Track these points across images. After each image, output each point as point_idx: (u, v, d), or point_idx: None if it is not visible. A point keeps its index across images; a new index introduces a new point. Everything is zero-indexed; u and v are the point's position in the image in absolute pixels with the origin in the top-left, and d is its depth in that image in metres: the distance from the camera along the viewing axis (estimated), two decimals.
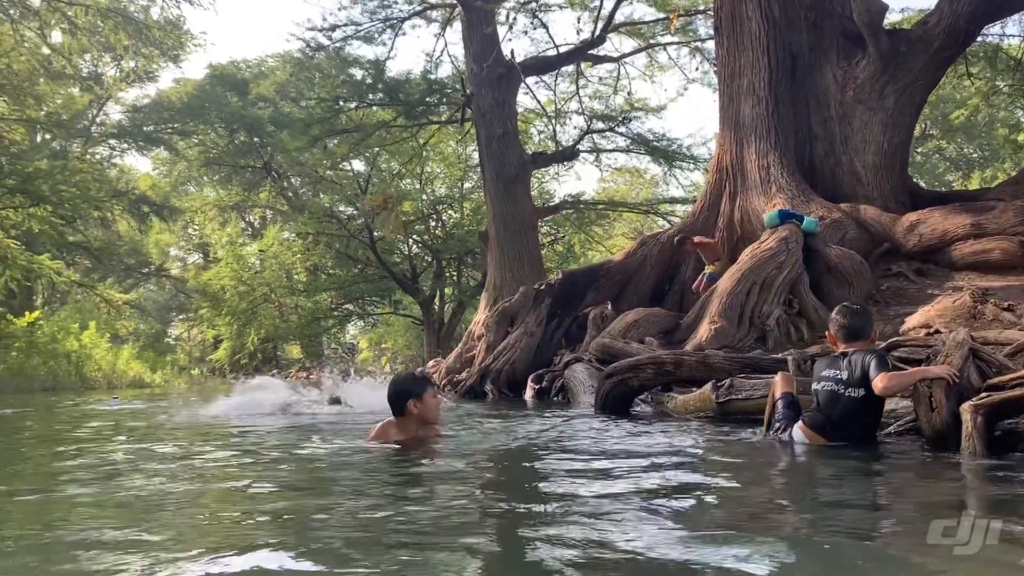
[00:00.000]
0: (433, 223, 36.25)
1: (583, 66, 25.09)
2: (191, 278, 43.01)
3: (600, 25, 21.61)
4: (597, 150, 26.94)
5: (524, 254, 18.14)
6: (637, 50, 25.42)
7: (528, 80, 22.32)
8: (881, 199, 11.70)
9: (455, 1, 20.63)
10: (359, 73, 25.36)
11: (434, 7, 23.33)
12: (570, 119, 28.45)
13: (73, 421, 7.05)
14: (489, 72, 18.74)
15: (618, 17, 22.73)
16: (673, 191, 48.24)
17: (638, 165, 32.74)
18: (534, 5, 22.21)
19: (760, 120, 12.43)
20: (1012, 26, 21.59)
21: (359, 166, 35.00)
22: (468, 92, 20.17)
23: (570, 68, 24.87)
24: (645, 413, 7.16)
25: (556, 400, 10.05)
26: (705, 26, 22.57)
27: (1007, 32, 19.71)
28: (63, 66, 28.15)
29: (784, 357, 6.75)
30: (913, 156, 28.29)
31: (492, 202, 18.88)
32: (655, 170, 32.45)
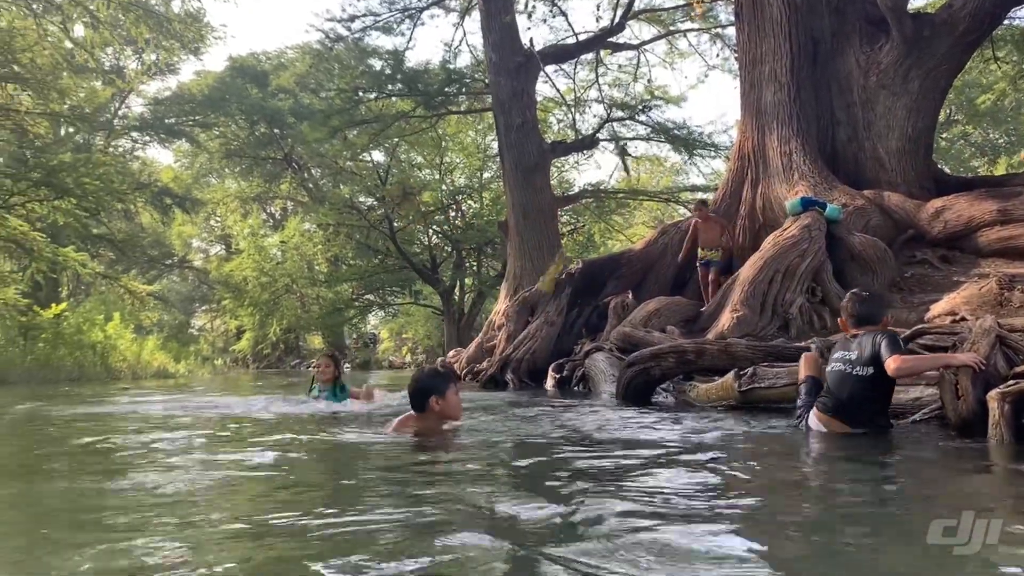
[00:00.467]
0: (453, 213, 36.30)
1: (602, 54, 24.97)
2: (213, 269, 43.39)
3: (620, 12, 21.50)
4: (617, 138, 26.81)
5: (544, 243, 18.11)
6: (657, 37, 25.27)
7: (547, 69, 22.25)
8: (905, 185, 11.57)
9: None
10: (378, 64, 25.43)
11: None
12: (589, 107, 28.33)
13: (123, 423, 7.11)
14: (508, 61, 18.68)
15: (638, 4, 22.61)
16: (694, 179, 47.92)
17: (658, 153, 32.59)
18: None
19: (782, 106, 12.32)
20: None
21: (379, 157, 35.11)
22: (486, 82, 20.14)
23: (589, 56, 24.77)
24: (667, 402, 7.14)
25: (577, 389, 10.06)
26: (726, 12, 22.38)
27: None
28: (85, 60, 28.37)
29: (807, 345, 6.71)
30: (938, 142, 27.90)
31: (511, 191, 18.86)
32: (675, 158, 32.27)
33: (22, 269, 24.61)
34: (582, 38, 22.91)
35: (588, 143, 24.81)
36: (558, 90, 27.19)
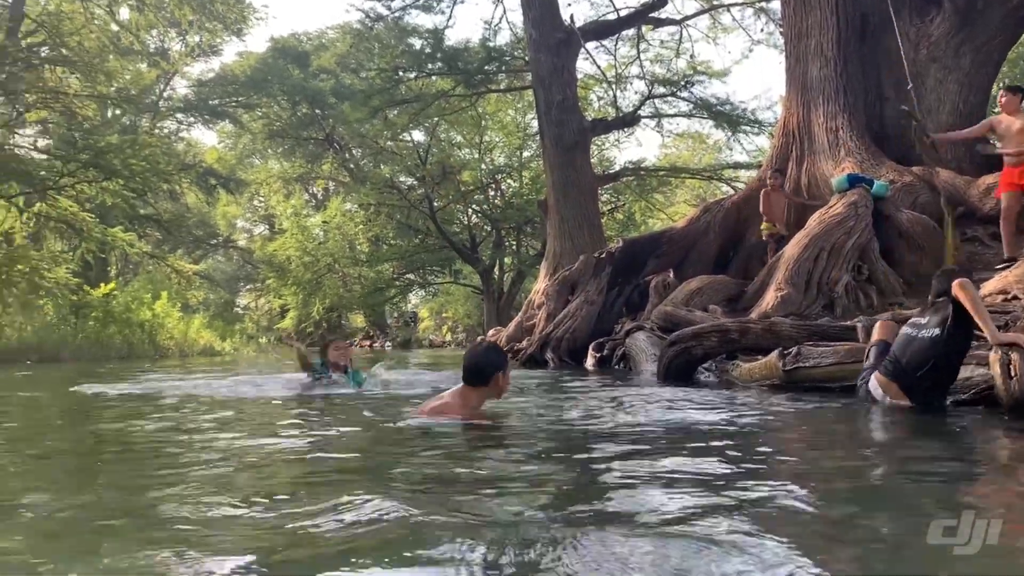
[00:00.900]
0: (492, 192, 36.31)
1: (644, 30, 24.66)
2: (257, 249, 44.02)
3: None
4: (659, 115, 26.52)
5: (584, 222, 18.04)
6: (700, 12, 24.89)
7: (588, 45, 22.05)
8: (955, 161, 11.26)
9: None
10: (418, 43, 25.42)
11: None
12: (631, 84, 28.04)
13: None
14: (548, 37, 18.54)
15: None
16: (737, 156, 47.10)
17: (700, 130, 32.17)
18: None
19: (828, 81, 12.06)
20: None
21: (419, 136, 35.22)
22: (526, 59, 20.02)
23: (631, 32, 24.47)
24: (709, 381, 7.11)
25: (617, 368, 10.05)
26: None
27: None
28: (131, 42, 28.77)
29: (853, 324, 6.62)
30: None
31: (551, 170, 18.78)
32: (718, 135, 31.82)
33: (72, 249, 25.21)
34: (623, 13, 22.63)
35: (629, 120, 24.58)
36: (599, 67, 26.99)
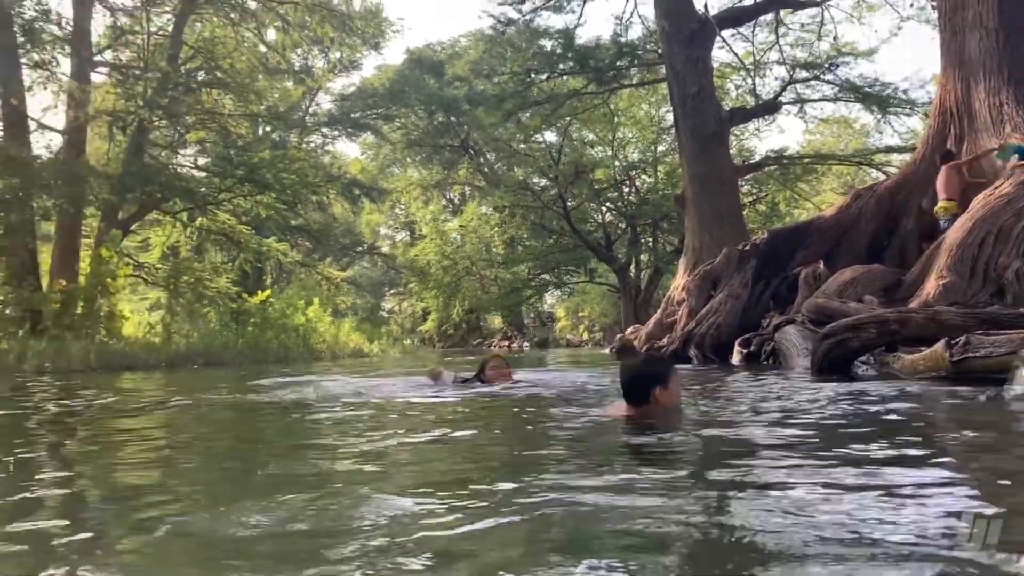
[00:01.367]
0: (627, 189, 36.00)
1: (783, 13, 23.71)
2: (400, 255, 45.66)
3: None
4: (801, 101, 25.47)
5: (724, 215, 17.54)
6: None
7: (723, 33, 21.41)
8: None
9: None
10: (549, 44, 25.56)
11: None
12: (770, 70, 26.99)
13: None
14: (681, 28, 18.18)
15: None
16: (887, 139, 44.73)
17: (846, 114, 30.63)
18: None
19: (989, 55, 11.19)
20: None
21: (551, 137, 35.40)
22: (659, 52, 19.70)
23: (768, 17, 23.60)
24: (868, 375, 6.74)
25: (767, 364, 9.71)
26: None
27: None
28: (278, 62, 30.43)
29: None
30: None
31: (688, 163, 18.38)
32: (866, 119, 30.19)
33: (231, 260, 27.02)
34: None
35: (769, 108, 23.74)
36: (736, 55, 26.20)
